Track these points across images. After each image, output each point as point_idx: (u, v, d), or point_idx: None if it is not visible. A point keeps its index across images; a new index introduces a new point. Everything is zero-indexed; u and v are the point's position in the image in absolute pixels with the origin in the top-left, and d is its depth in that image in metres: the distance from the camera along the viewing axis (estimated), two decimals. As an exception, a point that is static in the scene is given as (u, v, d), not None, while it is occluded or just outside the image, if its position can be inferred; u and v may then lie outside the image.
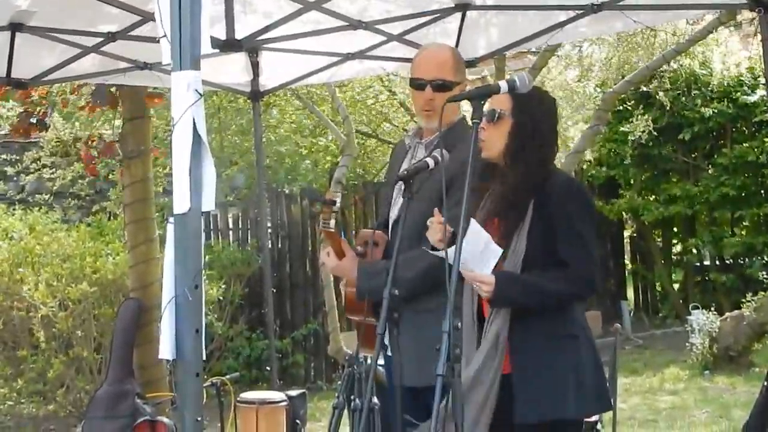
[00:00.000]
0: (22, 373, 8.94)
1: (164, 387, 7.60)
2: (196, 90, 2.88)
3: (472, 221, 3.32)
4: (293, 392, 6.82)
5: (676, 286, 14.46)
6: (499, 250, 3.47)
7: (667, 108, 12.46)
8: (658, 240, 14.88)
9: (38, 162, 11.05)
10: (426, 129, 4.18)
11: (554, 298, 3.54)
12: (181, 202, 2.88)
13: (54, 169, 11.05)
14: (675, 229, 14.66)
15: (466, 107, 4.18)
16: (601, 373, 3.70)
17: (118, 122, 8.34)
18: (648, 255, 14.76)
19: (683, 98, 12.90)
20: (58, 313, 8.54)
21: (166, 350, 2.88)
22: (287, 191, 11.74)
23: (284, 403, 6.09)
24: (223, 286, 9.96)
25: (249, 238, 11.53)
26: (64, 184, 11.25)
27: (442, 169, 3.51)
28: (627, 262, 15.38)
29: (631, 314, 14.10)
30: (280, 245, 11.61)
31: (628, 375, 10.36)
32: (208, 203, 2.91)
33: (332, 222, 3.98)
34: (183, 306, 2.87)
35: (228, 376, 5.69)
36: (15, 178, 11.63)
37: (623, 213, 14.22)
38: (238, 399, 6.01)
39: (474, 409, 3.44)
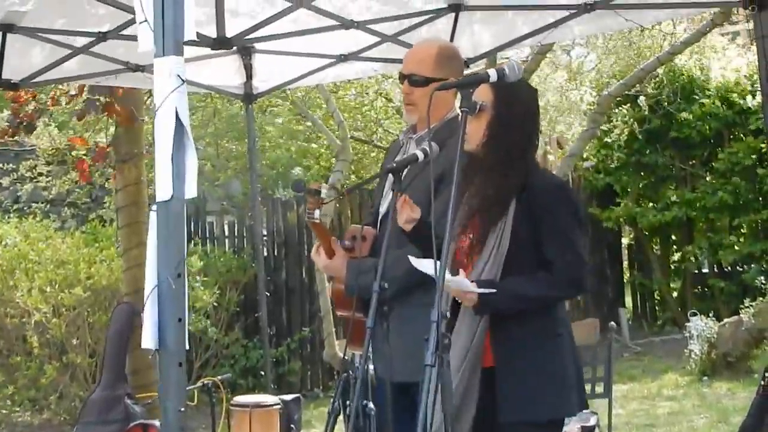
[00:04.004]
0: (16, 380, 8.90)
1: (157, 390, 7.54)
2: (179, 75, 2.84)
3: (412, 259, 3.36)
4: (288, 396, 6.78)
5: (674, 293, 14.40)
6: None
7: (651, 110, 12.38)
8: (656, 248, 14.83)
9: (34, 170, 11.01)
10: (418, 124, 4.14)
11: (539, 302, 3.51)
12: (163, 190, 2.84)
13: (50, 178, 11.01)
14: (673, 237, 14.62)
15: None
16: (580, 371, 3.68)
17: (112, 129, 8.32)
18: (646, 263, 14.70)
19: (678, 102, 12.84)
20: (52, 319, 8.51)
21: (148, 340, 2.84)
22: (283, 198, 11.69)
23: (278, 407, 6.05)
24: (218, 293, 9.90)
25: (245, 244, 11.50)
26: (60, 192, 11.21)
27: (431, 162, 3.47)
28: (625, 270, 15.34)
29: (630, 322, 14.05)
30: (276, 252, 11.57)
31: (627, 381, 10.31)
32: (191, 191, 2.87)
33: (317, 213, 3.92)
34: (166, 294, 2.82)
35: (220, 377, 5.65)
36: (11, 188, 11.58)
37: (620, 220, 14.17)
38: (232, 402, 5.97)
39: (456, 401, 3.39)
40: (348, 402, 5.45)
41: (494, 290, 3.38)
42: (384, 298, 3.47)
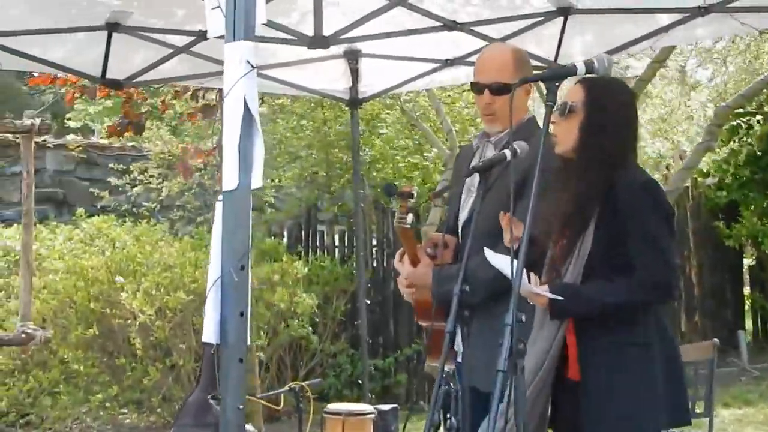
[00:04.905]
0: (121, 381, 8.99)
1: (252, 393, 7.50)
2: (248, 61, 2.75)
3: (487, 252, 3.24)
4: (385, 407, 6.63)
5: (797, 317, 13.81)
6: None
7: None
8: (779, 269, 14.23)
9: (145, 173, 11.16)
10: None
11: (619, 308, 3.30)
12: (229, 179, 2.76)
13: (161, 180, 11.15)
14: (798, 259, 14.00)
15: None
16: (678, 385, 3.42)
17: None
18: (768, 284, 14.13)
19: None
20: (156, 321, 8.56)
21: (209, 334, 2.76)
22: (394, 209, 11.58)
23: (372, 416, 5.92)
24: (319, 301, 9.80)
25: (354, 254, 11.42)
26: (171, 196, 11.33)
27: (513, 162, 3.32)
28: (747, 291, 14.77)
29: (749, 345, 13.49)
30: (385, 263, 11.45)
31: (742, 406, 9.91)
32: (257, 181, 2.78)
33: (410, 217, 3.76)
34: (228, 287, 2.74)
35: (308, 382, 5.54)
36: (121, 189, 11.74)
37: (742, 240, 13.62)
38: (325, 410, 5.87)
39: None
40: (448, 415, 5.33)
41: (561, 297, 3.22)
42: (465, 302, 3.32)
